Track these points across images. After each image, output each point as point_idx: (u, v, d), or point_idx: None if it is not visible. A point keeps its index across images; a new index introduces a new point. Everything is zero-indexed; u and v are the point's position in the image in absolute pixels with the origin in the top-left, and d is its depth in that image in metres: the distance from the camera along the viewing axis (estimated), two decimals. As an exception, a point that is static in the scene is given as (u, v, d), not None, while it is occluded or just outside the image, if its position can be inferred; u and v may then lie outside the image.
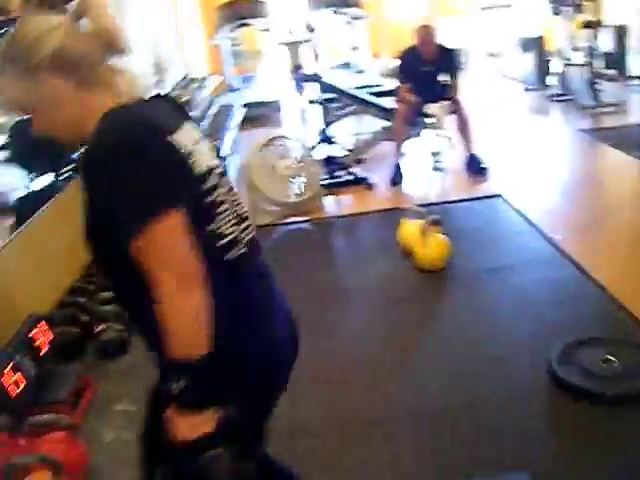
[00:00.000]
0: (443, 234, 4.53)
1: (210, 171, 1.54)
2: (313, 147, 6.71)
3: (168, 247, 1.36)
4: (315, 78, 7.06)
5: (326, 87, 7.07)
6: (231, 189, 1.63)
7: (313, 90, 7.17)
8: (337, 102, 7.25)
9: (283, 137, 6.27)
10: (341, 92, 7.17)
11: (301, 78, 7.28)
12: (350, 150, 6.89)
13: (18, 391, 3.00)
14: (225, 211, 1.55)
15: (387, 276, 4.57)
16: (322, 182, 6.20)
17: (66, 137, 1.51)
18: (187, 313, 1.36)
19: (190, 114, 1.68)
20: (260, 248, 1.71)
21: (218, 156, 1.67)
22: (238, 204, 1.63)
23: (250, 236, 1.64)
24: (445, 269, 4.46)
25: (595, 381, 2.98)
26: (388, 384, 3.34)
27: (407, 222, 4.79)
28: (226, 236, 1.54)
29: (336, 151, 6.85)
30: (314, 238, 5.65)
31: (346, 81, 8.51)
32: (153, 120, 1.47)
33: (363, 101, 7.08)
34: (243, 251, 1.59)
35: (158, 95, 1.64)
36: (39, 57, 1.39)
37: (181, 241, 1.37)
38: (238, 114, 8.77)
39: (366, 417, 3.09)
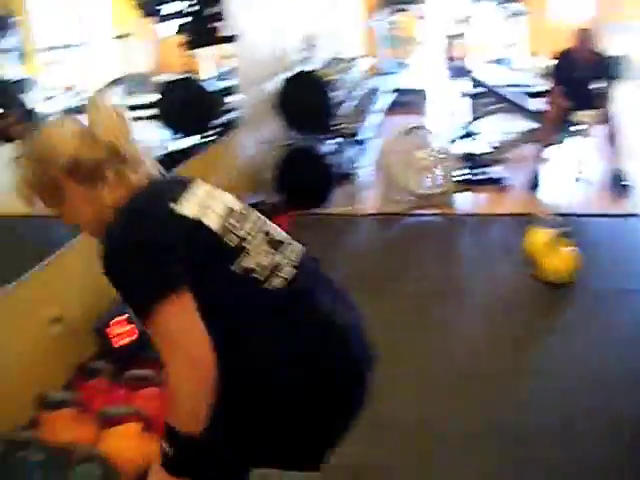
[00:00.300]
0: (573, 247, 4.43)
1: (229, 213, 1.60)
2: (454, 141, 6.66)
3: (172, 332, 1.43)
4: (467, 71, 7.00)
5: (477, 82, 6.98)
6: (258, 220, 1.67)
7: (464, 83, 7.10)
8: (486, 98, 7.14)
9: (424, 127, 6.26)
10: (491, 88, 7.07)
11: (454, 70, 7.23)
12: (492, 148, 6.76)
13: (125, 342, 3.19)
14: (253, 244, 1.59)
15: (506, 282, 4.52)
16: (458, 177, 6.15)
17: (90, 230, 1.66)
18: (188, 395, 1.42)
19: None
20: (313, 262, 1.73)
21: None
22: (268, 232, 1.66)
23: (295, 255, 1.66)
24: (568, 284, 4.34)
25: None
26: (481, 393, 3.30)
27: (537, 230, 4.67)
28: (262, 267, 1.57)
29: (477, 148, 6.75)
30: (440, 233, 5.65)
31: (499, 77, 8.31)
32: (156, 199, 1.59)
33: (511, 100, 6.95)
34: (288, 271, 1.61)
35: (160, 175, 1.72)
36: (55, 166, 1.57)
37: (185, 324, 1.44)
38: (384, 98, 8.79)
39: (450, 424, 3.07)
